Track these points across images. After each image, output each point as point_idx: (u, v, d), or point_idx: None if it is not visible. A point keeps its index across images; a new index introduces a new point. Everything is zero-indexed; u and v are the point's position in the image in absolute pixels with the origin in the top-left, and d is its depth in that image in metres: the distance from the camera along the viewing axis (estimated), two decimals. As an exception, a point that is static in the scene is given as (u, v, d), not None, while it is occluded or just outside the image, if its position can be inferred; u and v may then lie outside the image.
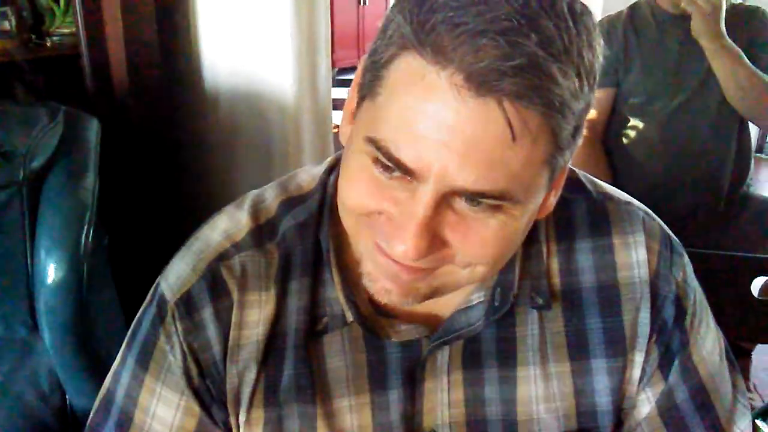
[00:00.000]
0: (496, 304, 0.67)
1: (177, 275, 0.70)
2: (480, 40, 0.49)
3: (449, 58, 0.50)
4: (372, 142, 0.55)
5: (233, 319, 0.68)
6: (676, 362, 0.72)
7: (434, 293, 0.63)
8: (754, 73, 1.82)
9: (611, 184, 0.74)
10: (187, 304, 0.69)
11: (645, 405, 0.74)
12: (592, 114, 2.02)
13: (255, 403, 0.69)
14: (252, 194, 0.74)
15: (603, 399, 0.71)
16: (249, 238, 0.70)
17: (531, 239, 0.68)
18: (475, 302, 0.68)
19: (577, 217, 0.71)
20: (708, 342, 0.75)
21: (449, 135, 0.51)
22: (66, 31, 2.04)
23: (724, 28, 1.80)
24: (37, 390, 1.32)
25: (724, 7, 1.79)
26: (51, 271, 1.25)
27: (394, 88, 0.54)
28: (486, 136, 0.51)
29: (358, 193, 0.59)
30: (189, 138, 1.91)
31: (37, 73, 2.13)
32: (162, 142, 1.86)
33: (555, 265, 0.70)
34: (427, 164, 0.52)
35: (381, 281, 0.61)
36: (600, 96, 2.04)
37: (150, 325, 0.70)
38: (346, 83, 2.73)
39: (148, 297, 0.73)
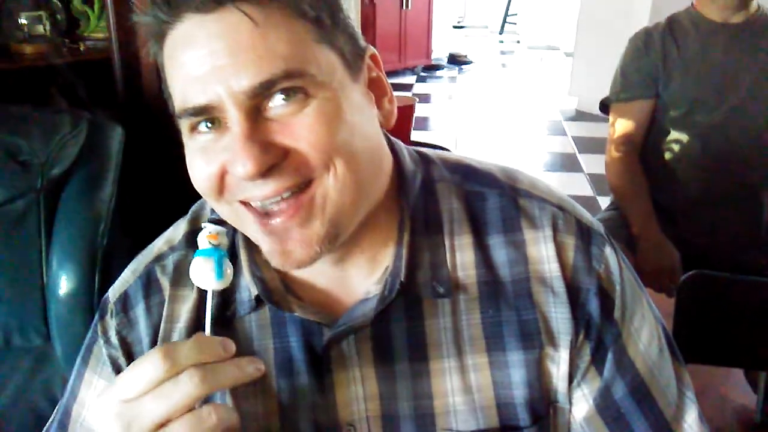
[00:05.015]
0: (386, 293, 0.68)
1: (120, 280, 0.77)
2: None
3: (180, 9, 0.59)
4: (178, 116, 0.61)
5: (165, 313, 0.73)
6: (610, 356, 0.72)
7: (335, 229, 0.63)
8: None
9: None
10: (124, 302, 0.75)
11: (582, 403, 0.73)
12: (629, 126, 1.97)
13: None
14: (196, 204, 0.79)
15: (519, 392, 0.70)
16: (183, 240, 0.76)
17: (430, 231, 0.71)
18: (372, 294, 0.70)
19: (490, 211, 0.73)
20: (644, 334, 0.74)
21: (211, 58, 0.58)
22: (100, 35, 2.06)
23: None
24: (50, 399, 1.32)
25: None
26: (63, 283, 1.24)
27: (167, 70, 0.62)
28: (236, 34, 0.57)
29: (198, 171, 0.63)
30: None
31: (73, 77, 2.15)
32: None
33: (470, 257, 0.71)
34: (213, 91, 0.58)
35: (278, 246, 0.63)
36: (638, 107, 1.97)
37: (93, 326, 0.77)
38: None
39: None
